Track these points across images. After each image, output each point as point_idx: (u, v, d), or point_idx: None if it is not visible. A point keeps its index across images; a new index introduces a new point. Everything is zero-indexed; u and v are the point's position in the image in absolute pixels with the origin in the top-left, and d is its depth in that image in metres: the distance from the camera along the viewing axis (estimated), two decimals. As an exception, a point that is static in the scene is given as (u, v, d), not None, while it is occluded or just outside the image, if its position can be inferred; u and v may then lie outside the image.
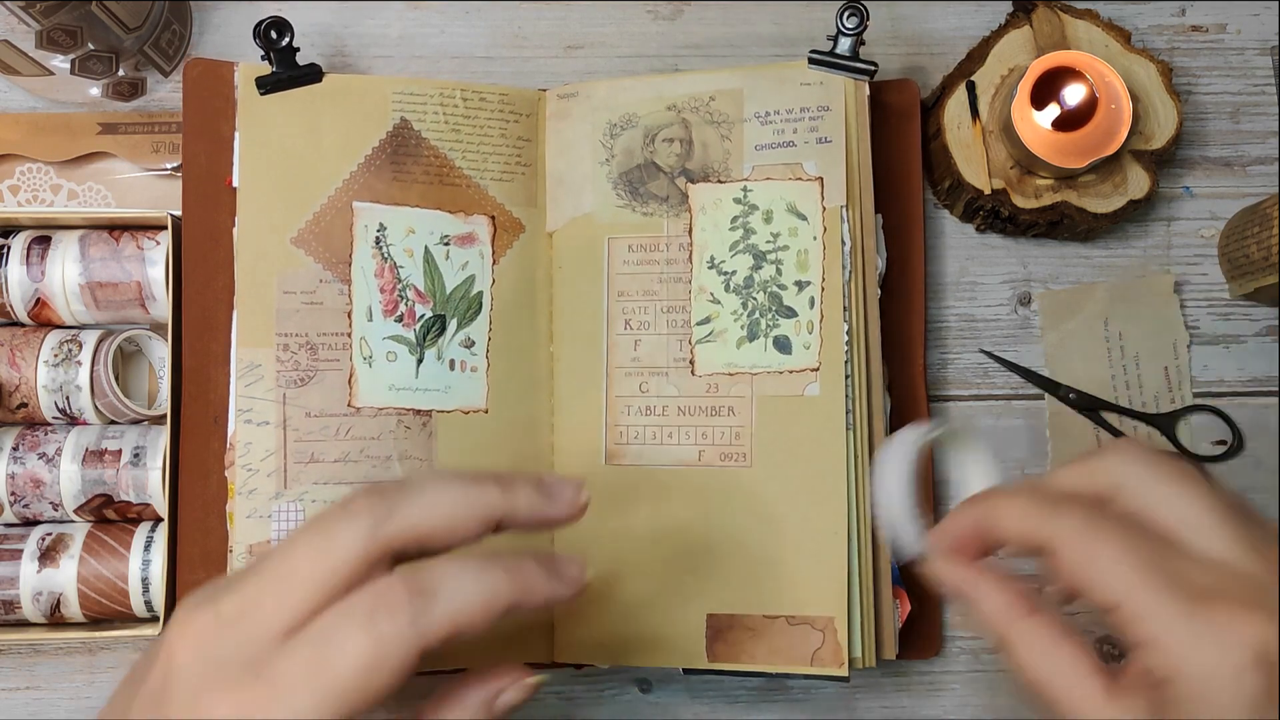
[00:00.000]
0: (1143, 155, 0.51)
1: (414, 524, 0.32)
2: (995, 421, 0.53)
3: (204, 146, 0.48)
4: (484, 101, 0.50)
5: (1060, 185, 0.51)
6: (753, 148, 0.48)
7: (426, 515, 0.32)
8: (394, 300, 0.48)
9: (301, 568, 0.31)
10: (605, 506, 0.48)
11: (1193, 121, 0.55)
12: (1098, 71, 0.49)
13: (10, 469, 0.47)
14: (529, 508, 0.34)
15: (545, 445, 0.49)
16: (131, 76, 0.52)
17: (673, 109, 0.49)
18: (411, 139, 0.49)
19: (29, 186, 0.53)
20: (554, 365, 0.50)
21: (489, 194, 0.49)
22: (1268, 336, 0.54)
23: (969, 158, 0.51)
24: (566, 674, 0.51)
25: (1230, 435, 0.53)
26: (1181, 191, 0.55)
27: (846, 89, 0.48)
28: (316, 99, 0.48)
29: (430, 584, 0.31)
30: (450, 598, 0.31)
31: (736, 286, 0.48)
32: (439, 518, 0.32)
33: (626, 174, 0.49)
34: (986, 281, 0.54)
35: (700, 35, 0.55)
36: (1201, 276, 0.54)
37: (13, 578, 0.46)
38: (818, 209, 0.48)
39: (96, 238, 0.48)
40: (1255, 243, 0.51)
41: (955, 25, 0.55)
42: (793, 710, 0.52)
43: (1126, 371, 0.53)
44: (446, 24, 0.55)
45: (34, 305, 0.48)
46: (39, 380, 0.47)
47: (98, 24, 0.47)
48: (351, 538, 0.31)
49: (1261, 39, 0.56)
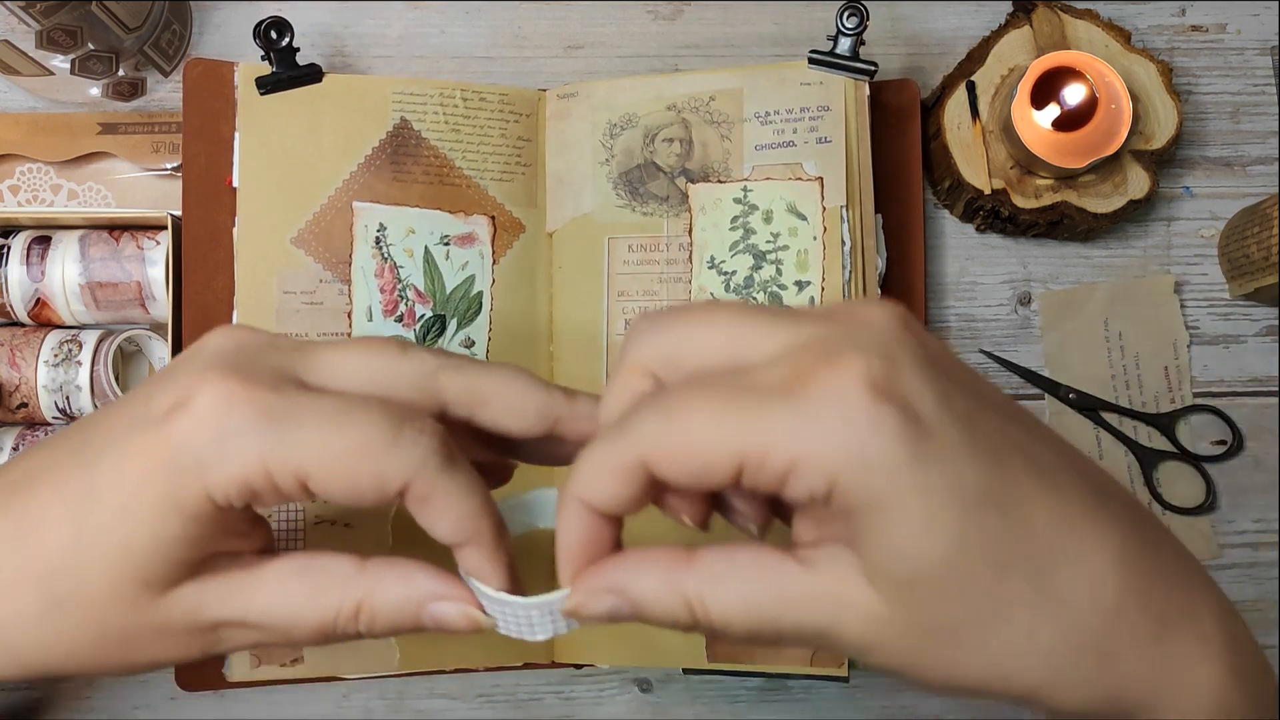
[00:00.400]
0: (1143, 155, 0.51)
1: (477, 386, 0.31)
2: (995, 421, 0.53)
3: (204, 146, 0.48)
4: (484, 101, 0.50)
5: (1060, 185, 0.51)
6: (753, 148, 0.48)
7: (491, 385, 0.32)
8: (394, 300, 0.48)
9: (369, 358, 0.31)
10: (605, 506, 0.48)
11: (1193, 121, 0.55)
12: (1098, 71, 0.49)
13: (10, 469, 0.47)
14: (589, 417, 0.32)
15: (545, 445, 0.49)
16: (131, 76, 0.52)
17: (673, 109, 0.49)
18: (411, 139, 0.49)
19: (29, 186, 0.53)
20: (554, 365, 0.50)
21: (489, 194, 0.50)
22: (1268, 336, 0.54)
23: (969, 158, 0.51)
24: (566, 674, 0.51)
25: (1230, 435, 0.53)
26: (1181, 191, 0.55)
27: (846, 89, 0.48)
28: (316, 99, 0.48)
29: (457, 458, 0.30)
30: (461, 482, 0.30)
31: (736, 286, 0.48)
32: (502, 391, 0.32)
33: (626, 174, 0.49)
34: (986, 281, 0.54)
35: (700, 35, 0.55)
36: (1201, 276, 0.54)
37: (13, 578, 0.46)
38: (818, 209, 0.48)
39: (96, 238, 0.48)
40: (1255, 243, 0.51)
41: (955, 25, 0.55)
42: (793, 710, 0.52)
43: (1126, 371, 0.53)
44: (446, 24, 0.55)
45: (34, 305, 0.48)
46: (39, 380, 0.47)
47: (98, 24, 0.47)
48: (420, 363, 0.31)
49: (1261, 39, 0.56)
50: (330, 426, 0.28)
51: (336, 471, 0.28)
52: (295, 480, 0.28)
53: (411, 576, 0.31)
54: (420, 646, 0.47)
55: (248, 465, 0.28)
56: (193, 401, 0.28)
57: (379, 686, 0.51)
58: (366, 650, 0.46)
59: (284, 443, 0.28)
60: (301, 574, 0.31)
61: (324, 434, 0.28)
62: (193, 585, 0.30)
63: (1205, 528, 0.53)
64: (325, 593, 0.30)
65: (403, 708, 0.51)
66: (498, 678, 0.51)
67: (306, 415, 0.28)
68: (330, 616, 0.30)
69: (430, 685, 0.51)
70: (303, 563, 0.31)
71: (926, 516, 0.26)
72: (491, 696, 0.51)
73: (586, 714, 0.51)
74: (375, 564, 0.31)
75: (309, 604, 0.30)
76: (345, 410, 0.29)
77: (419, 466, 0.29)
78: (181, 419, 0.28)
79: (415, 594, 0.31)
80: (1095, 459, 0.53)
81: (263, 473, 0.28)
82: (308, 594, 0.30)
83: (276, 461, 0.28)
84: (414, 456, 0.29)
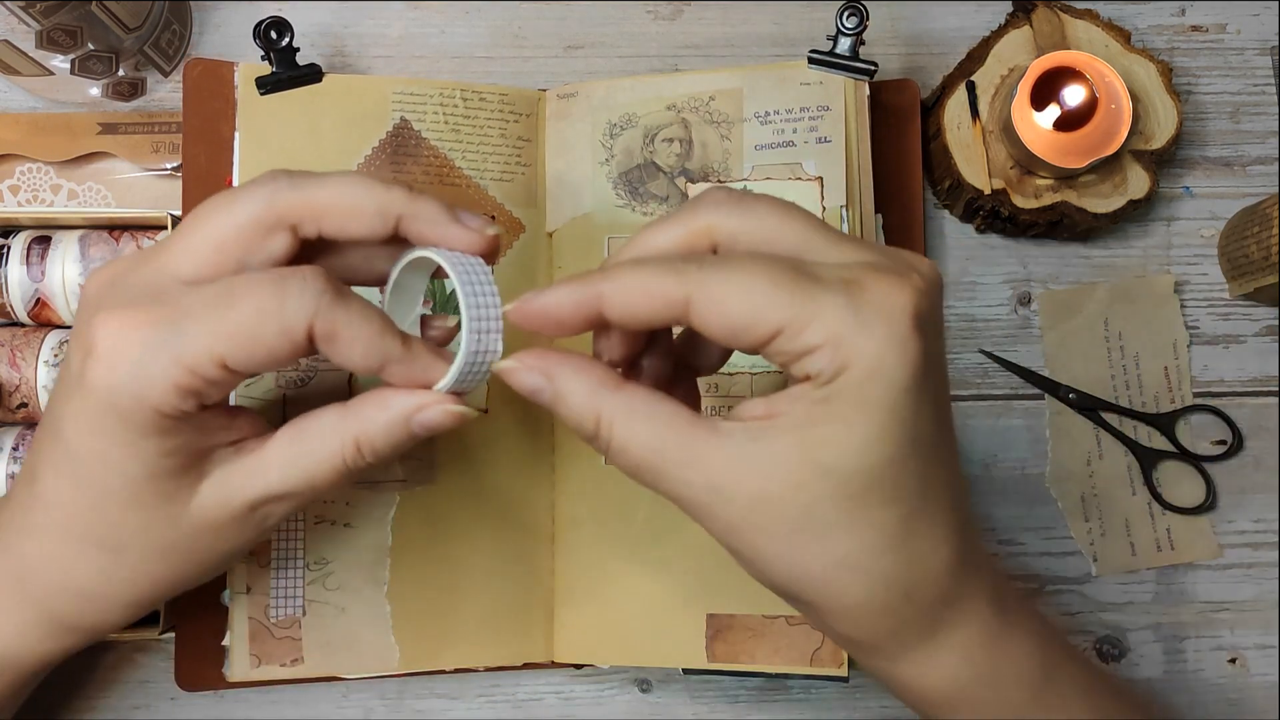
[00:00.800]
0: (1143, 155, 0.51)
1: (312, 197, 0.33)
2: (995, 421, 0.53)
3: (204, 147, 0.48)
4: (484, 101, 0.50)
5: (1060, 185, 0.51)
6: (752, 147, 0.48)
7: (326, 193, 0.33)
8: (394, 300, 0.48)
9: (206, 224, 0.33)
10: (605, 506, 0.48)
11: (1193, 121, 0.55)
12: (1098, 71, 0.49)
13: (11, 469, 0.47)
14: (431, 218, 0.34)
15: (546, 445, 0.49)
16: (131, 76, 0.52)
17: (672, 109, 0.49)
18: (411, 139, 0.49)
19: (29, 186, 0.53)
20: (554, 365, 0.50)
21: (489, 194, 0.50)
22: (1268, 336, 0.54)
23: (969, 158, 0.51)
24: (566, 674, 0.51)
25: (1230, 435, 0.53)
26: (1181, 191, 0.55)
27: (846, 89, 0.48)
28: (316, 99, 0.48)
29: (344, 291, 0.32)
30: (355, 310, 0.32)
31: (736, 286, 0.48)
32: (338, 197, 0.33)
33: (626, 174, 0.49)
34: (986, 281, 0.54)
35: (700, 35, 0.55)
36: (1201, 276, 0.54)
37: (13, 578, 0.46)
38: (817, 209, 0.47)
39: (96, 238, 0.48)
40: (1255, 243, 0.51)
41: (955, 25, 0.55)
42: (793, 710, 0.52)
43: (1126, 371, 0.53)
44: (446, 24, 0.55)
45: (34, 305, 0.48)
46: (39, 380, 0.47)
47: (98, 24, 0.47)
48: (252, 199, 0.33)
49: (1261, 39, 0.56)
50: (221, 307, 0.31)
51: (246, 343, 0.31)
52: (216, 366, 0.31)
53: (387, 401, 0.34)
54: (420, 646, 0.47)
55: (170, 373, 0.31)
56: (95, 346, 0.31)
57: (379, 686, 0.51)
58: (367, 650, 0.46)
59: (187, 339, 0.31)
60: (298, 438, 0.34)
61: (217, 316, 0.31)
62: (210, 482, 0.34)
63: (1205, 528, 0.53)
64: (324, 444, 0.34)
65: (403, 708, 0.51)
66: (498, 678, 0.51)
67: (195, 308, 0.31)
68: (338, 462, 0.34)
69: (430, 685, 0.51)
70: (295, 429, 0.34)
71: (883, 433, 0.30)
72: (491, 696, 0.51)
73: (586, 714, 0.51)
74: (355, 402, 0.34)
75: (314, 460, 0.34)
76: (228, 288, 0.31)
77: (314, 308, 0.31)
78: (96, 366, 0.31)
79: (396, 414, 0.33)
80: (1096, 456, 0.53)
81: (186, 372, 0.31)
82: (310, 451, 0.34)
83: (190, 358, 0.31)
84: (306, 301, 0.31)
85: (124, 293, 0.32)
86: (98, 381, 0.31)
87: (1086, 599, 0.52)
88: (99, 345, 0.31)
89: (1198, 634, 0.52)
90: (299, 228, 0.33)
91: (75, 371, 0.32)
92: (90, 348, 0.31)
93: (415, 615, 0.46)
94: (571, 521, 0.48)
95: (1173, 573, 0.53)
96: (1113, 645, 0.52)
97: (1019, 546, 0.53)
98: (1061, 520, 0.53)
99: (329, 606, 0.46)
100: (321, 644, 0.46)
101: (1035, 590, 0.52)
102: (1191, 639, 0.52)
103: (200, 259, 0.33)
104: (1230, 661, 0.52)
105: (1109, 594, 0.52)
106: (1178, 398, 0.53)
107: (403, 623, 0.46)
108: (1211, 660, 0.52)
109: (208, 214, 0.33)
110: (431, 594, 0.47)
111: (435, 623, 0.47)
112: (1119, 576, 0.53)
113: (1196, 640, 0.52)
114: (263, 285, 0.31)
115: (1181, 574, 0.53)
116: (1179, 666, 0.52)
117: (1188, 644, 0.52)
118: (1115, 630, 0.52)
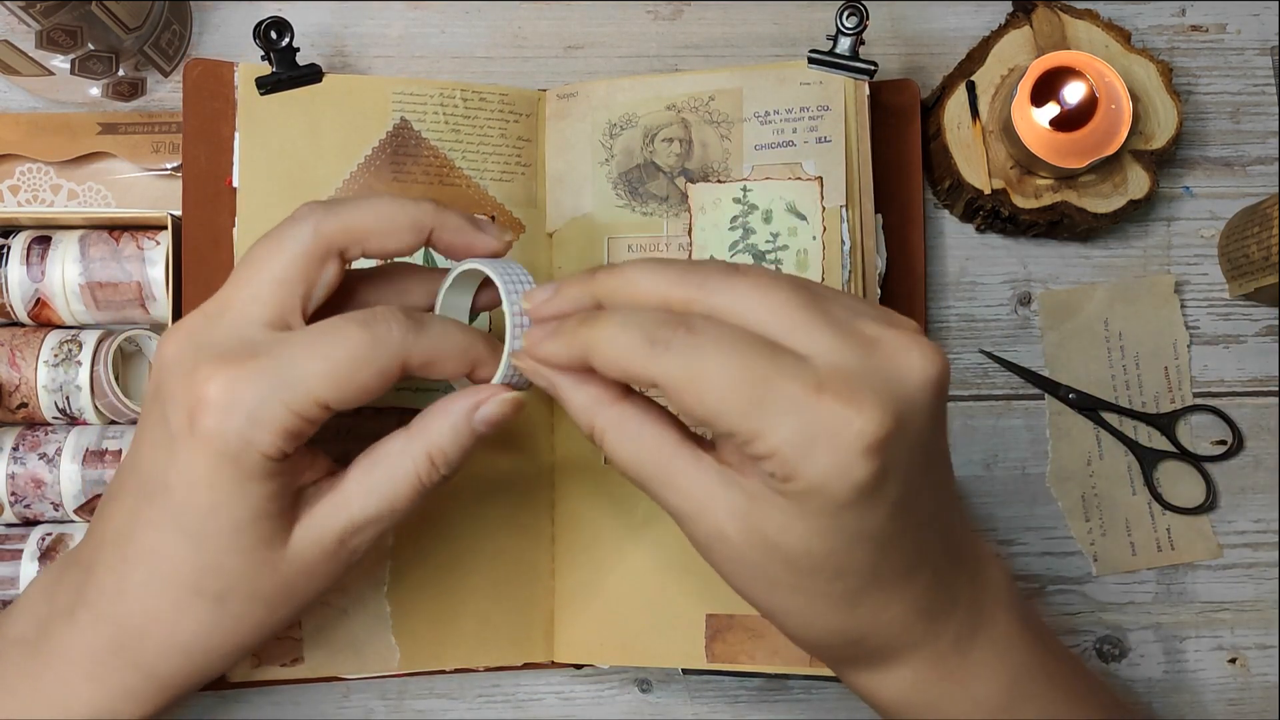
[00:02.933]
0: (1143, 155, 0.51)
1: (351, 222, 0.35)
2: (995, 421, 0.53)
3: (204, 147, 0.48)
4: (484, 101, 0.50)
5: (1060, 185, 0.51)
6: (752, 147, 0.48)
7: (363, 216, 0.36)
8: (394, 300, 0.48)
9: (263, 267, 0.35)
10: (605, 507, 0.48)
11: (1193, 121, 0.55)
12: (1098, 71, 0.49)
13: (10, 469, 0.47)
14: (457, 229, 0.37)
15: (546, 445, 0.49)
16: (131, 76, 0.52)
17: (672, 109, 0.49)
18: (411, 139, 0.49)
19: (29, 186, 0.53)
20: (554, 365, 0.50)
21: (489, 194, 0.50)
22: (1268, 336, 0.54)
23: (969, 158, 0.51)
24: (566, 674, 0.51)
25: (1230, 435, 0.53)
26: (1181, 191, 0.55)
27: (846, 89, 0.48)
28: (316, 99, 0.48)
29: (421, 318, 0.35)
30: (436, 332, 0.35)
31: (736, 286, 0.48)
32: (374, 218, 0.36)
33: (626, 174, 0.49)
34: (986, 281, 0.54)
35: (700, 35, 0.55)
36: (1201, 276, 0.54)
37: (13, 578, 0.46)
38: (817, 209, 0.48)
39: (96, 238, 0.48)
40: (1255, 243, 0.51)
41: (955, 25, 0.55)
42: (793, 710, 0.52)
43: (1126, 371, 0.53)
44: (446, 24, 0.55)
45: (34, 305, 0.48)
46: (39, 380, 0.47)
47: (98, 24, 0.47)
48: (298, 235, 0.35)
49: (1261, 39, 0.56)
50: (318, 354, 0.33)
51: (346, 385, 0.33)
52: (317, 408, 0.33)
53: (447, 407, 0.36)
54: (421, 647, 0.47)
55: (279, 418, 0.32)
56: (205, 400, 0.32)
57: (379, 686, 0.51)
58: (367, 650, 0.46)
59: (292, 386, 0.32)
60: (372, 467, 0.36)
61: (317, 362, 0.33)
62: (303, 525, 0.35)
63: (1205, 528, 0.53)
64: (398, 466, 0.35)
65: (403, 708, 0.51)
66: (498, 678, 0.51)
67: (296, 355, 0.33)
68: (414, 480, 0.35)
69: (430, 685, 0.51)
70: (368, 458, 0.36)
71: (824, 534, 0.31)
72: (491, 696, 0.51)
73: (586, 714, 0.51)
74: (416, 421, 0.36)
75: (392, 483, 0.35)
76: (322, 334, 0.33)
77: (403, 345, 0.34)
78: (209, 417, 0.32)
79: (458, 417, 0.35)
80: (1096, 456, 0.53)
81: (292, 416, 0.32)
82: (386, 476, 0.35)
83: (296, 403, 0.32)
84: (394, 338, 0.33)
85: (214, 347, 0.33)
86: (212, 431, 0.32)
87: (1087, 599, 0.52)
88: (210, 397, 0.32)
89: (1198, 634, 0.52)
90: (346, 252, 0.36)
91: (180, 427, 0.33)
92: (199, 400, 0.32)
93: (415, 615, 0.46)
94: (571, 521, 0.48)
95: (1173, 573, 0.53)
96: (1113, 645, 0.52)
97: (1019, 546, 0.53)
98: (1062, 520, 0.53)
99: (329, 607, 0.46)
100: (322, 644, 0.46)
101: (1036, 590, 0.52)
102: (1192, 639, 0.52)
103: (270, 301, 0.34)
104: (1230, 661, 0.52)
105: (1109, 594, 0.52)
106: (1178, 398, 0.53)
107: (403, 623, 0.46)
108: (1211, 660, 0.52)
109: (261, 258, 0.35)
110: (431, 594, 0.47)
111: (435, 623, 0.47)
112: (1119, 576, 0.53)
113: (1196, 640, 0.52)
114: (351, 331, 0.33)
115: (1182, 574, 0.53)
116: (1179, 666, 0.52)
117: (1188, 644, 0.52)
118: (1115, 630, 0.52)
